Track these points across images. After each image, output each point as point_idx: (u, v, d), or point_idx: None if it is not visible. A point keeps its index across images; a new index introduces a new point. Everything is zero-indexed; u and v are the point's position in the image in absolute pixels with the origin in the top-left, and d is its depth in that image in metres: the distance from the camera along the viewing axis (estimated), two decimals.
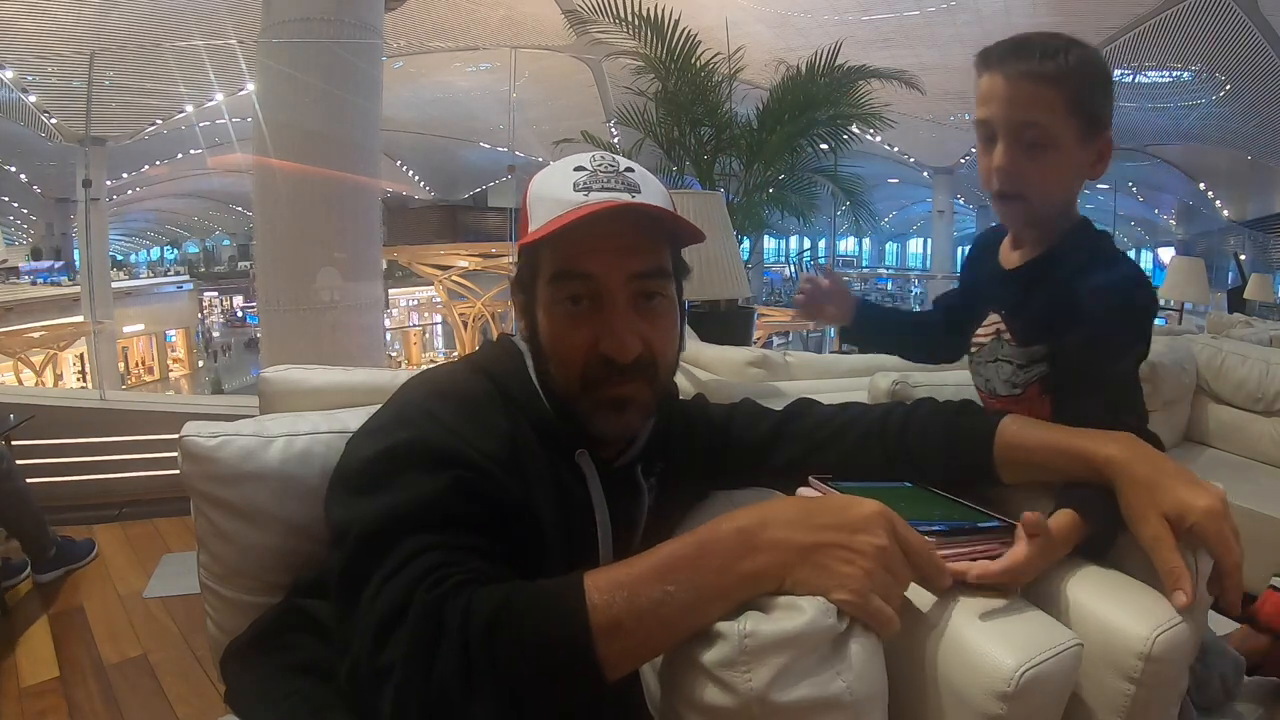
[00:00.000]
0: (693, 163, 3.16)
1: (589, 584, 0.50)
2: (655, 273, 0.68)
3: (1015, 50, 0.77)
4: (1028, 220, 0.83)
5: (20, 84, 10.80)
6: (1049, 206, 0.81)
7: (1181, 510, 0.58)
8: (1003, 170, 0.78)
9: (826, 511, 0.54)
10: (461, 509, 0.58)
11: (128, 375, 16.75)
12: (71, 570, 2.32)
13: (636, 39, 3.20)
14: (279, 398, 0.97)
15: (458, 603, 0.50)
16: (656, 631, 0.51)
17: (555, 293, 0.66)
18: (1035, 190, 0.79)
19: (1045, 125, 0.76)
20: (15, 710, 1.65)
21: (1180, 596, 0.56)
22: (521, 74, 12.97)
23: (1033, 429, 0.72)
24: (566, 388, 0.68)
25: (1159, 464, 0.62)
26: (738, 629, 0.50)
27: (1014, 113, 0.76)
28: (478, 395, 0.68)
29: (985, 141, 0.80)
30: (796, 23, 10.56)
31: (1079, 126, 0.76)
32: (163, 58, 10.27)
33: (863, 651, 0.52)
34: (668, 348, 0.70)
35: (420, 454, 0.60)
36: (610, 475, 0.73)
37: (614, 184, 0.66)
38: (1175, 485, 0.59)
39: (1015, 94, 0.76)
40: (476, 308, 10.44)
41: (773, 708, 0.49)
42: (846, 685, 0.50)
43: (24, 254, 19.60)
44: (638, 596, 0.50)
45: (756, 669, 0.49)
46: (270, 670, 0.72)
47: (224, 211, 24.35)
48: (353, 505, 0.60)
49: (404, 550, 0.54)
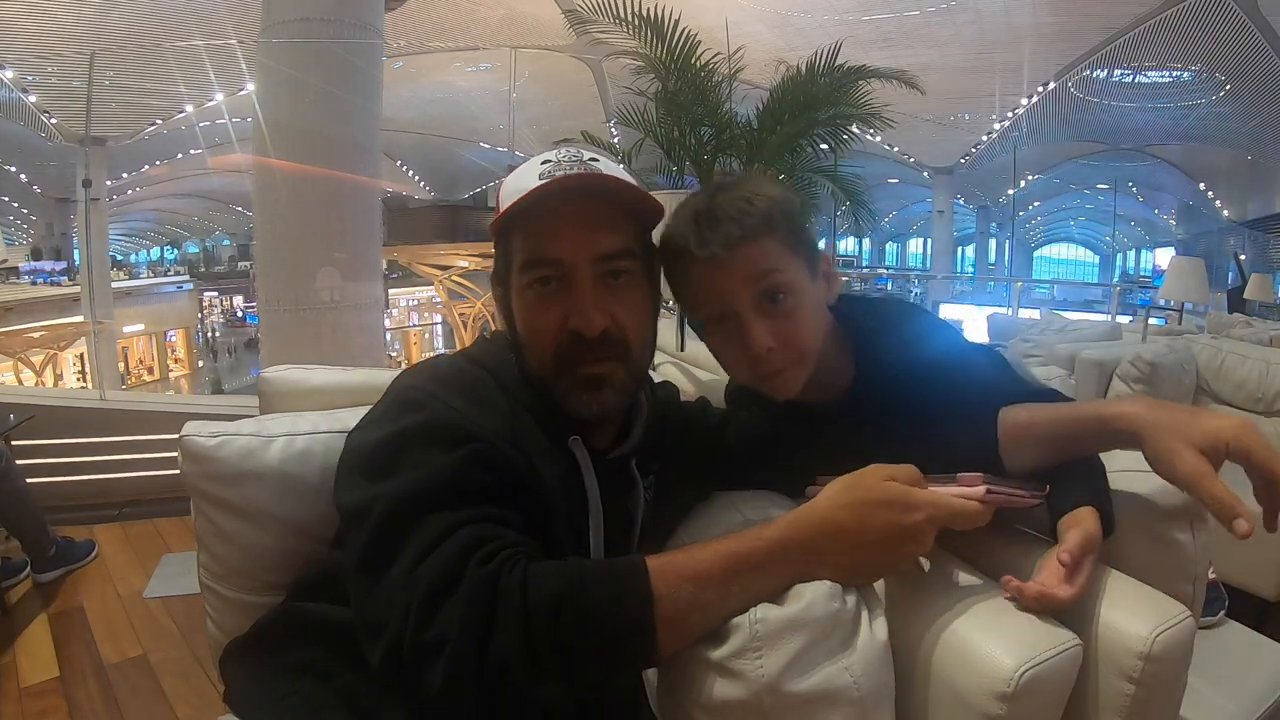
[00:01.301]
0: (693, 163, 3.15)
1: (654, 572, 0.52)
2: (621, 253, 0.69)
3: (704, 232, 0.71)
4: (806, 372, 0.75)
5: (20, 84, 10.80)
6: (816, 350, 0.75)
7: (1214, 434, 0.56)
8: (768, 347, 0.71)
9: (892, 506, 0.57)
10: (481, 482, 0.59)
11: (128, 375, 16.76)
12: (71, 570, 2.32)
13: (636, 39, 3.19)
14: (279, 397, 0.97)
15: (514, 578, 0.51)
16: (710, 623, 0.54)
17: (525, 276, 0.68)
18: (808, 344, 0.74)
19: (783, 279, 0.71)
20: (15, 710, 1.65)
21: (1242, 524, 0.53)
22: (521, 74, 12.97)
23: (1037, 410, 0.70)
24: (541, 370, 0.69)
25: (1176, 407, 0.61)
26: (750, 617, 0.51)
27: (749, 279, 0.71)
28: (475, 381, 0.69)
29: (719, 321, 0.74)
30: (796, 23, 10.56)
31: (805, 259, 0.74)
32: (163, 58, 10.28)
33: (871, 647, 0.53)
34: (637, 325, 0.70)
35: (432, 433, 0.61)
36: (604, 465, 0.73)
37: (576, 170, 0.68)
38: (1200, 418, 0.58)
39: (739, 265, 0.70)
40: (476, 308, 10.44)
41: (783, 698, 0.50)
42: (854, 680, 0.51)
43: (24, 254, 19.61)
44: (703, 592, 0.53)
45: (769, 654, 0.50)
46: (269, 670, 0.72)
47: (224, 211, 24.37)
48: (369, 487, 0.59)
49: (434, 526, 0.54)
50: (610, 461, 0.74)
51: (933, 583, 0.65)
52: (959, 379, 0.76)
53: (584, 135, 3.99)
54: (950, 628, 0.59)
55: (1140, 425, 0.61)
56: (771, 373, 0.74)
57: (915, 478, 0.59)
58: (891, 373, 0.77)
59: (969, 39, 11.00)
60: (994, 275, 21.06)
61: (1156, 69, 12.10)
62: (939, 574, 0.66)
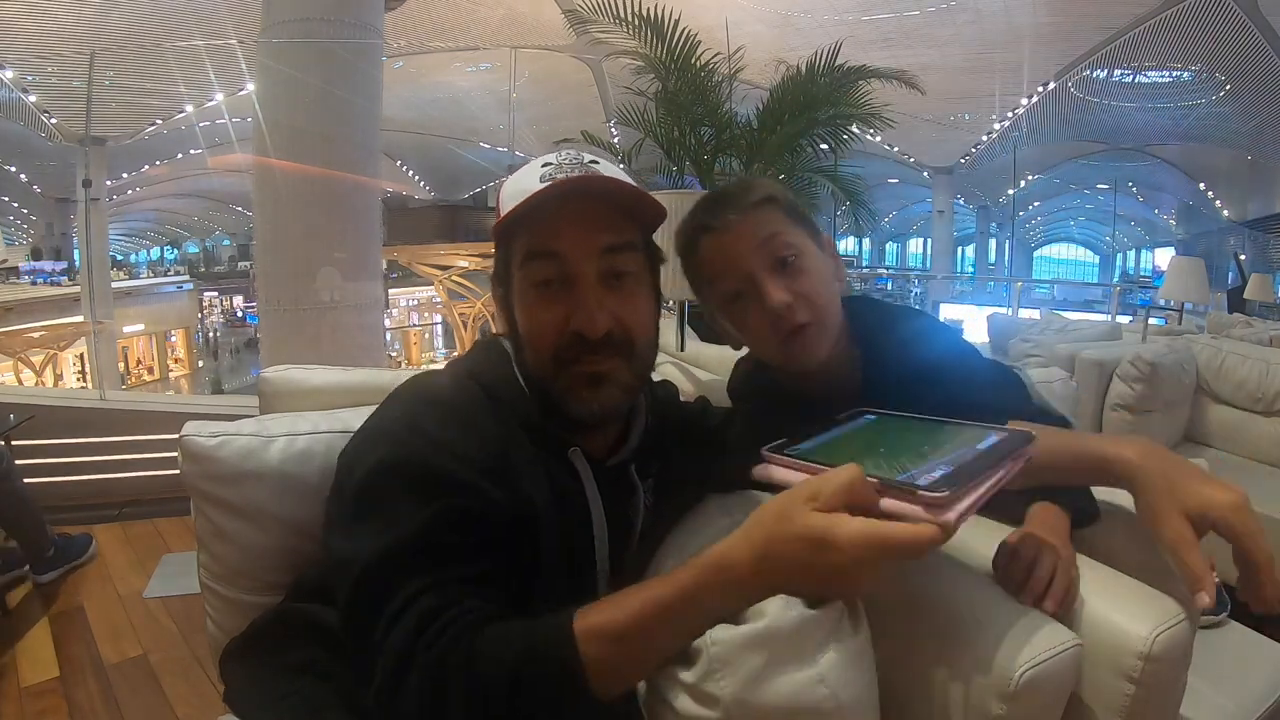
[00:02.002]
0: (693, 163, 3.15)
1: (580, 634, 0.52)
2: (624, 247, 0.69)
3: (714, 207, 0.79)
4: (827, 338, 0.79)
5: (20, 84, 10.79)
6: (834, 315, 0.80)
7: (1204, 506, 0.56)
8: (785, 302, 0.75)
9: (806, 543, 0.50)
10: (450, 539, 0.59)
11: (128, 375, 16.75)
12: (72, 569, 2.31)
13: (636, 39, 3.19)
14: (279, 397, 0.97)
15: (459, 654, 0.52)
16: (646, 668, 0.56)
17: (527, 276, 0.68)
18: (823, 302, 0.78)
19: (790, 240, 0.77)
20: (15, 710, 1.65)
21: (1204, 598, 0.54)
22: (521, 74, 12.97)
23: (1044, 435, 0.68)
24: (541, 369, 0.69)
25: (1176, 463, 0.60)
26: (706, 639, 0.51)
27: (760, 242, 0.76)
28: (465, 401, 0.68)
29: (735, 299, 0.78)
30: (796, 23, 10.56)
31: (806, 229, 0.80)
32: (163, 58, 10.27)
33: (847, 656, 0.51)
34: (641, 324, 0.70)
35: (407, 476, 0.61)
36: (604, 473, 0.73)
37: (577, 171, 0.68)
38: (1195, 483, 0.58)
39: (749, 229, 0.77)
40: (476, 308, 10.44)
41: (752, 711, 0.49)
42: (830, 692, 0.50)
43: (24, 254, 19.61)
44: (632, 644, 0.53)
45: (729, 676, 0.50)
46: (269, 670, 0.72)
47: (224, 211, 24.36)
48: (347, 538, 0.62)
49: (400, 594, 0.56)
50: (610, 469, 0.74)
51: (929, 582, 0.65)
52: (965, 388, 0.77)
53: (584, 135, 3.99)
54: (950, 628, 0.59)
55: (1136, 476, 0.61)
56: (794, 330, 0.76)
57: (851, 493, 0.50)
58: (898, 373, 0.78)
59: (969, 39, 10.99)
60: (994, 275, 21.05)
61: (1156, 69, 12.10)
62: (936, 572, 0.66)
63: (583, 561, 0.70)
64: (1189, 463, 0.61)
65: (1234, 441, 2.48)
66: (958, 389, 0.76)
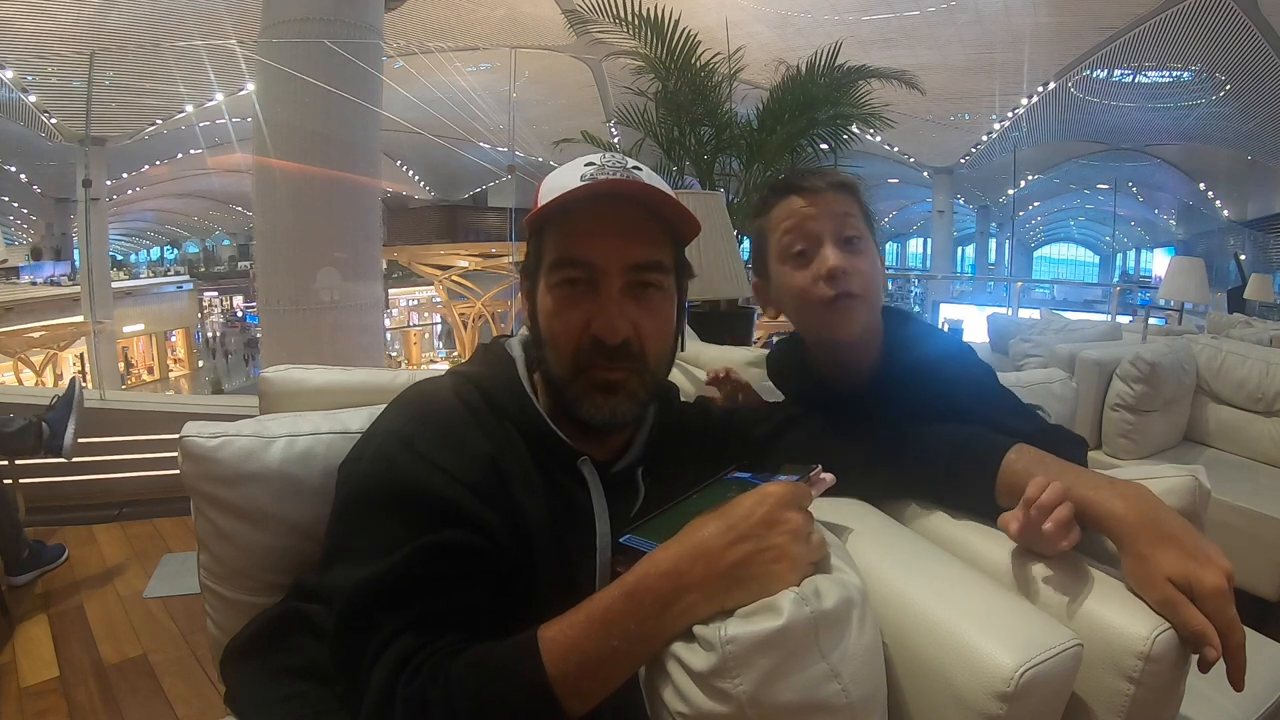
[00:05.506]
0: (693, 163, 3.16)
1: (545, 650, 0.54)
2: (653, 265, 0.69)
3: (806, 175, 0.87)
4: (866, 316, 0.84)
5: (20, 84, 10.80)
6: (876, 302, 0.86)
7: (1188, 583, 0.56)
8: (843, 268, 0.81)
9: (741, 519, 0.56)
10: (435, 570, 0.60)
11: (128, 375, 16.75)
12: (44, 572, 2.29)
13: (636, 39, 3.19)
14: (279, 398, 0.97)
15: (436, 691, 0.54)
16: (612, 677, 0.55)
17: (554, 277, 0.68)
18: (872, 285, 0.84)
19: (859, 225, 0.84)
20: (15, 710, 1.65)
21: (1211, 652, 0.54)
22: (521, 74, 12.98)
23: (1039, 466, 0.68)
24: (560, 371, 0.69)
25: (1163, 527, 0.59)
26: (720, 636, 0.50)
27: (835, 216, 0.83)
28: (461, 415, 0.68)
29: (797, 257, 0.84)
30: (796, 23, 10.56)
31: (869, 227, 0.87)
32: (163, 58, 10.28)
33: (859, 651, 0.52)
34: (659, 338, 0.70)
35: (397, 497, 0.62)
36: (609, 478, 0.73)
37: (619, 175, 0.67)
38: (1181, 557, 0.57)
39: (829, 202, 0.84)
40: (476, 308, 10.45)
41: (766, 710, 0.49)
42: (842, 688, 0.50)
43: (24, 254, 19.61)
44: (588, 655, 0.54)
45: (744, 674, 0.50)
46: (270, 672, 0.72)
47: (224, 211, 24.36)
48: (337, 559, 0.63)
49: (385, 629, 0.57)
50: (615, 475, 0.74)
51: (929, 581, 0.65)
52: (969, 395, 0.83)
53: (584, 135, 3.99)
54: (950, 628, 0.59)
55: (1123, 536, 0.60)
56: (838, 293, 0.81)
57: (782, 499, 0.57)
58: (912, 377, 0.83)
59: (969, 39, 11.00)
60: (994, 275, 21.07)
61: (1156, 69, 12.11)
62: (934, 571, 0.66)
63: (582, 572, 0.69)
64: (1177, 520, 0.60)
65: (1234, 441, 2.48)
66: (966, 396, 0.82)
